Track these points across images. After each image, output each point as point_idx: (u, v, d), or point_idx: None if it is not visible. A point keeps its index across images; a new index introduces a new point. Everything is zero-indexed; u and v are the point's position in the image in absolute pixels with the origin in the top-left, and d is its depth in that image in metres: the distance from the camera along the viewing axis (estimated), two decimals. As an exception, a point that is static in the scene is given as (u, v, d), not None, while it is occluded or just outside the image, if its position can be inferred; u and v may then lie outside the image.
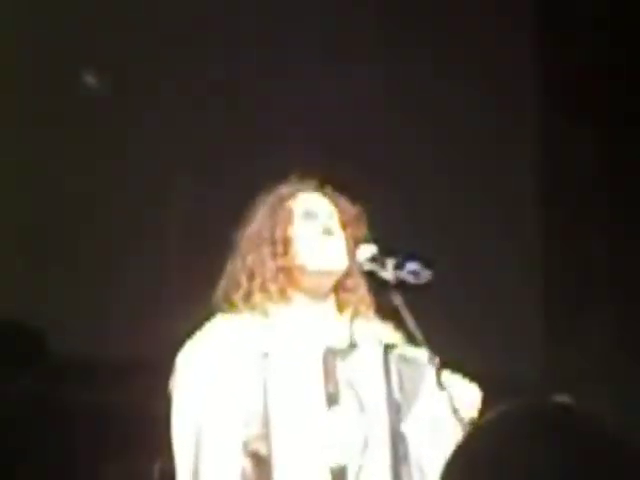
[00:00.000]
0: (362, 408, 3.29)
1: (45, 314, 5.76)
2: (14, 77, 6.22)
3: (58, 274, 5.99)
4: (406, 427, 3.31)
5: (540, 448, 1.92)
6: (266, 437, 3.19)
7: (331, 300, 3.46)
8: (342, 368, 3.28)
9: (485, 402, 3.29)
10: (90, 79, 6.28)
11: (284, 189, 3.55)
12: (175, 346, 3.35)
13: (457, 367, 3.37)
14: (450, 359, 3.25)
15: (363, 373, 3.33)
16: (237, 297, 3.40)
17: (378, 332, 3.48)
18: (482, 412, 3.09)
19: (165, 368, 3.35)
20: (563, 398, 2.55)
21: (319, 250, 3.41)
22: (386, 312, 3.48)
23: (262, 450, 3.19)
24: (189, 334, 3.37)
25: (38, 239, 6.02)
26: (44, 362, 5.64)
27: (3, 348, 5.73)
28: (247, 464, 3.23)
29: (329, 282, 3.40)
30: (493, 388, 3.31)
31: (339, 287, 3.45)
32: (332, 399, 3.26)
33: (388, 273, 3.34)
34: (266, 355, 3.27)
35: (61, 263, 6.03)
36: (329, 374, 3.26)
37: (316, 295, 3.42)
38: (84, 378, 5.50)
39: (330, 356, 3.27)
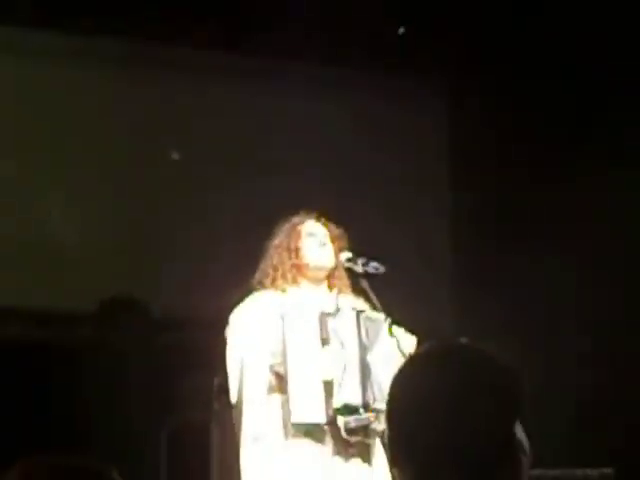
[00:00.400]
0: (343, 346, 5.04)
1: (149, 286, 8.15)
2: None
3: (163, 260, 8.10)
4: (370, 358, 5.06)
5: (437, 375, 2.25)
6: (284, 363, 4.91)
7: (324, 284, 5.27)
8: (331, 323, 5.04)
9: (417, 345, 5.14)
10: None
11: (296, 219, 5.39)
12: (230, 308, 5.18)
13: (399, 323, 5.13)
14: (395, 318, 5.08)
15: (344, 326, 5.09)
16: (267, 282, 5.20)
17: (353, 303, 5.25)
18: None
19: (223, 321, 5.17)
20: (463, 339, 2.84)
21: (317, 255, 5.28)
22: (357, 291, 5.27)
23: (281, 371, 4.91)
24: (237, 302, 5.17)
25: (147, 238, 8.24)
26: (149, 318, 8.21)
27: (124, 309, 8.15)
28: (272, 379, 4.99)
29: (323, 273, 5.24)
30: (420, 337, 5.02)
31: (329, 276, 5.27)
32: (324, 341, 5.00)
33: (359, 268, 5.19)
34: (284, 315, 5.04)
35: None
36: (323, 326, 5.01)
37: (315, 281, 5.26)
38: (175, 328, 8.02)
39: (323, 316, 5.01)
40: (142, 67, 9.15)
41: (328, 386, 5.03)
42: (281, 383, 5.03)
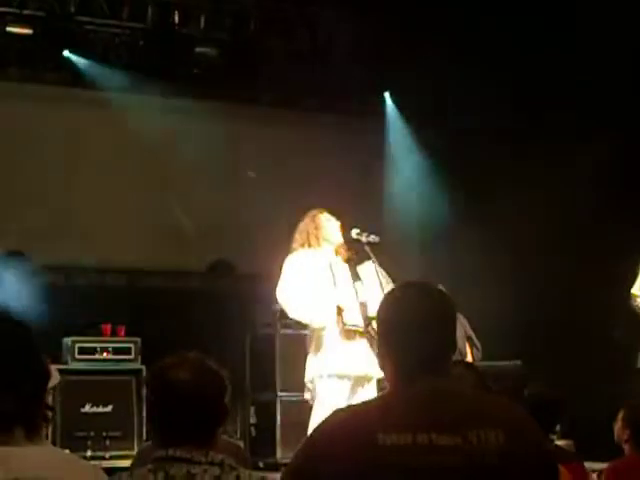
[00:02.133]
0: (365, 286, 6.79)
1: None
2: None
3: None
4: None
5: (408, 301, 2.74)
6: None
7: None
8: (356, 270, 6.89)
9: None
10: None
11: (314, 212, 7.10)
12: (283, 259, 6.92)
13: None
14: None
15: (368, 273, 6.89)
16: (301, 244, 6.97)
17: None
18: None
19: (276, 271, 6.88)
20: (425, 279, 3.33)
21: (334, 232, 7.05)
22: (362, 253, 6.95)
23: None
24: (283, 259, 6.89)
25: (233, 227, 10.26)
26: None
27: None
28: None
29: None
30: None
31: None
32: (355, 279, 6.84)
33: (364, 238, 6.96)
34: (329, 265, 6.78)
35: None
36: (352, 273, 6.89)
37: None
38: (250, 279, 9.91)
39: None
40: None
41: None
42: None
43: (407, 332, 2.68)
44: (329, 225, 7.07)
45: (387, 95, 11.80)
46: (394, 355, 2.71)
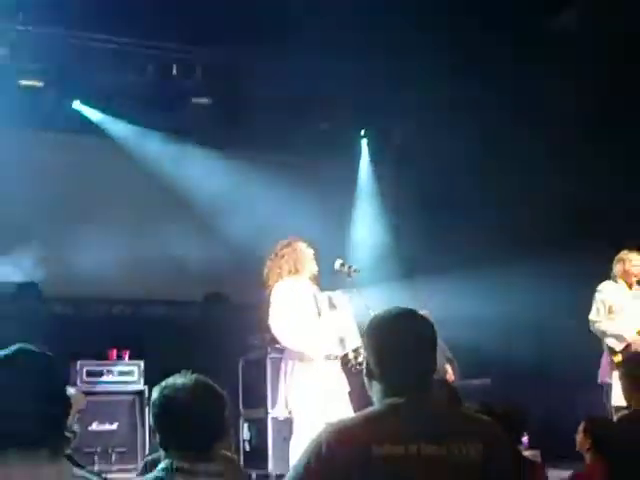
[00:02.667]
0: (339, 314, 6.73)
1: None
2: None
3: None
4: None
5: (392, 327, 2.82)
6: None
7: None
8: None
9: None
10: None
11: (291, 240, 6.95)
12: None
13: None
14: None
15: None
16: (288, 272, 6.79)
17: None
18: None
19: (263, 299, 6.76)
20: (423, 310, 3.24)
21: (311, 261, 6.92)
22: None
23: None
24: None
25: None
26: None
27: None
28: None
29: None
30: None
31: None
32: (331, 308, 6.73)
33: (345, 268, 6.87)
34: (313, 295, 6.73)
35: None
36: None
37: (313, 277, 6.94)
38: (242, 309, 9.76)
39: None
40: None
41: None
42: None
43: (398, 355, 2.74)
44: (307, 254, 6.97)
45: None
46: (385, 374, 2.75)
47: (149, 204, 10.63)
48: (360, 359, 6.23)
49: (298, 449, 6.15)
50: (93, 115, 10.66)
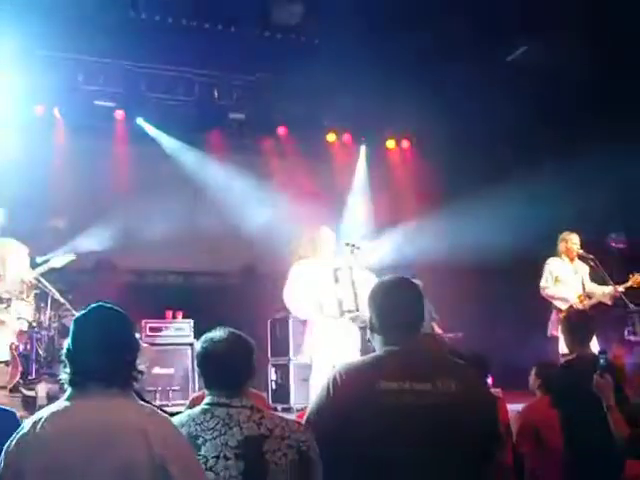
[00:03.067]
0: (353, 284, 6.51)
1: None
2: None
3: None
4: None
5: (394, 289, 2.84)
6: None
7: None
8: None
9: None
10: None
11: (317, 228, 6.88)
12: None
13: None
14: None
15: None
16: (306, 254, 6.68)
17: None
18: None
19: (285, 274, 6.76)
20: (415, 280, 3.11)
21: (330, 243, 6.75)
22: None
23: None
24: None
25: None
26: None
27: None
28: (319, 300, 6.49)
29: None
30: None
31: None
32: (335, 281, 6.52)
33: (350, 246, 6.57)
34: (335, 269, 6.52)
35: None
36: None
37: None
38: (266, 278, 9.53)
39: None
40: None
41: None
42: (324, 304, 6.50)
43: (391, 311, 2.79)
44: (326, 238, 6.79)
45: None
46: (383, 327, 2.80)
47: (193, 198, 10.60)
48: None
49: (316, 386, 6.01)
50: (151, 130, 10.66)
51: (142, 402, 2.46)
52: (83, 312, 2.51)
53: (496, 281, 9.82)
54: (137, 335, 2.62)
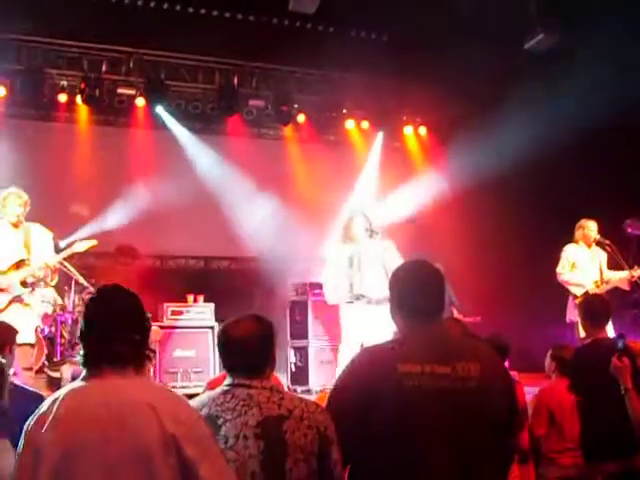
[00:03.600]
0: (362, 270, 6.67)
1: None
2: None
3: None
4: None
5: (413, 271, 2.83)
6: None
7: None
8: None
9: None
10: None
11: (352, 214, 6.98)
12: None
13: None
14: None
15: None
16: (341, 239, 6.88)
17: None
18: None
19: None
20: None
21: (362, 227, 6.77)
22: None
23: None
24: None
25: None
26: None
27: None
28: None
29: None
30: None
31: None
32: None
33: (369, 231, 6.76)
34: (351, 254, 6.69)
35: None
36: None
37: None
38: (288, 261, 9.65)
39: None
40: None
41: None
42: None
43: (415, 293, 2.76)
44: (358, 223, 6.85)
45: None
46: (405, 309, 2.78)
47: (211, 183, 10.59)
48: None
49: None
50: (169, 120, 10.64)
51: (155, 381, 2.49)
52: (93, 295, 2.54)
53: (513, 258, 9.83)
54: (148, 316, 2.59)
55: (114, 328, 2.40)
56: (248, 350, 2.78)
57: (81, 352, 2.44)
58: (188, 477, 2.27)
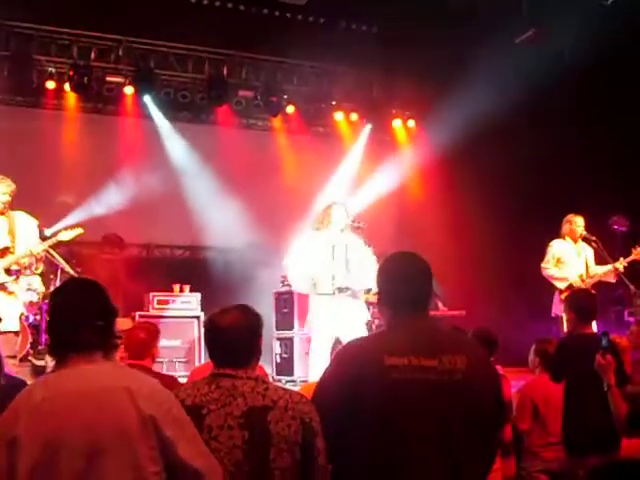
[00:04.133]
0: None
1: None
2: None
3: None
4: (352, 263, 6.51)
5: (399, 263, 2.80)
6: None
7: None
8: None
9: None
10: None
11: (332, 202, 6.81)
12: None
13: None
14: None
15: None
16: (315, 227, 6.72)
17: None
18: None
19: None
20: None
21: (342, 216, 6.58)
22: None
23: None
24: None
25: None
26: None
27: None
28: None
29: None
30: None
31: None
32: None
33: (354, 223, 6.61)
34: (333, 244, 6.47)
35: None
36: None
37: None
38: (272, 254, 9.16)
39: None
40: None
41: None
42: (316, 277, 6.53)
43: (401, 285, 2.73)
44: (339, 212, 6.68)
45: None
46: (392, 301, 2.76)
47: (201, 172, 10.58)
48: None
49: (314, 360, 6.28)
50: (155, 108, 10.59)
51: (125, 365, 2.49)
52: (57, 286, 2.58)
53: (498, 252, 9.83)
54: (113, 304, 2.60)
55: (78, 316, 2.42)
56: (234, 340, 2.77)
57: (49, 343, 2.49)
58: (168, 456, 2.30)
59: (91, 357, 2.40)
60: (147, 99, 10.40)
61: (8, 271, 6.27)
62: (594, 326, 5.00)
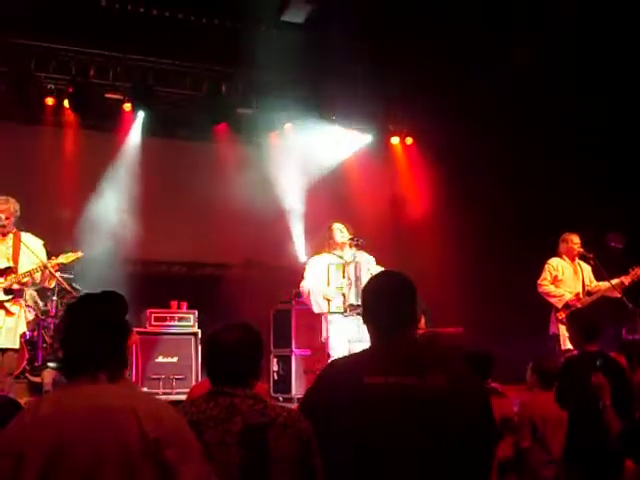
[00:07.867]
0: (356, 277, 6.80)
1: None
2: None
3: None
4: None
5: (383, 283, 2.82)
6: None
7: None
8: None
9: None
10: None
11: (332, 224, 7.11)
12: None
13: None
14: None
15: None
16: (321, 249, 7.06)
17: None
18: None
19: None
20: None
21: (342, 235, 6.97)
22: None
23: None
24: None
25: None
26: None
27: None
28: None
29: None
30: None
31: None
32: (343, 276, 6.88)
33: (354, 241, 6.93)
34: (331, 263, 6.86)
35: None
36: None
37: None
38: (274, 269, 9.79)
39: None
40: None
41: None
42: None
43: (381, 304, 2.73)
44: (338, 231, 6.99)
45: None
46: (374, 320, 2.76)
47: (194, 187, 10.57)
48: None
49: None
50: (154, 125, 10.61)
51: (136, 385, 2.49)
52: (73, 301, 2.56)
53: (495, 271, 9.84)
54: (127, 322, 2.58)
55: (91, 333, 2.41)
56: (236, 358, 2.77)
57: (61, 358, 2.46)
58: (169, 478, 2.28)
59: (100, 375, 2.39)
60: (145, 116, 10.40)
61: (8, 291, 6.26)
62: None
